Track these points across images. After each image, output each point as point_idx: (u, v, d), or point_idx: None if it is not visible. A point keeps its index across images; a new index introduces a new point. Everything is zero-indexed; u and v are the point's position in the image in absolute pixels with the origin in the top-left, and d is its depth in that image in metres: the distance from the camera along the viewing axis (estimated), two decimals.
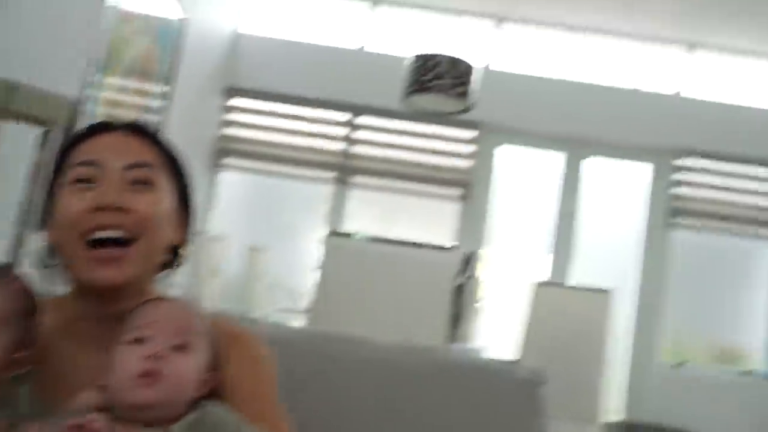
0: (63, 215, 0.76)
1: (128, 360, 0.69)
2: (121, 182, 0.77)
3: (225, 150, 4.17)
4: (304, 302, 3.86)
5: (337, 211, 4.16)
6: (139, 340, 0.71)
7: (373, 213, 4.28)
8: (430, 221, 4.34)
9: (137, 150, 0.80)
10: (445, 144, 4.19)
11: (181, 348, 0.72)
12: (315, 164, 4.20)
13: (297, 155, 4.19)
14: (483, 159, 4.16)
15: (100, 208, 0.74)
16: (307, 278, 3.99)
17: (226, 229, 3.85)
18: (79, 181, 0.77)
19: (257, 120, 4.24)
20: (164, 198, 0.81)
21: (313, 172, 4.22)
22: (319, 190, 4.25)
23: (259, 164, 4.23)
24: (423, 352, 1.23)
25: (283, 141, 4.20)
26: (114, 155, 0.78)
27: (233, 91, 4.17)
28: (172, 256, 0.86)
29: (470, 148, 4.17)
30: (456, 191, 4.19)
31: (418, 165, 4.18)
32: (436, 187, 4.20)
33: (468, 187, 4.16)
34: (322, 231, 3.82)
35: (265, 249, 3.76)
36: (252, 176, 4.36)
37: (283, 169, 4.22)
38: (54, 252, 0.81)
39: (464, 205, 4.17)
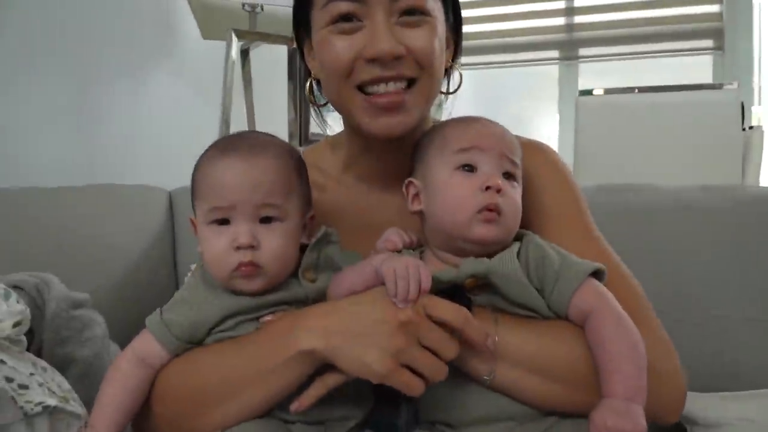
0: (331, 63, 0.68)
1: (463, 192, 0.63)
2: (390, 16, 0.66)
3: None
4: None
5: (568, 90, 3.81)
6: (467, 168, 0.65)
7: (608, 84, 3.72)
8: (678, 82, 3.65)
9: None
10: None
11: (509, 176, 0.66)
12: (537, 46, 3.87)
13: (516, 40, 3.90)
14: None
15: (374, 59, 0.65)
16: None
17: None
18: (341, 16, 0.67)
19: (468, 13, 3.81)
20: (438, 26, 0.69)
21: (535, 54, 3.90)
22: (546, 72, 3.92)
23: (477, 58, 3.97)
24: (720, 190, 1.18)
25: (501, 28, 3.90)
26: None
27: None
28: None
29: None
30: (705, 42, 3.60)
31: (655, 20, 3.61)
32: (679, 43, 3.64)
33: (719, 36, 3.55)
34: (555, 116, 3.66)
35: None
36: (472, 71, 4.01)
37: (504, 57, 3.96)
38: (320, 88, 0.75)
39: (718, 57, 3.57)
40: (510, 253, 0.64)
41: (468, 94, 0.83)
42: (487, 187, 0.63)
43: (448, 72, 0.79)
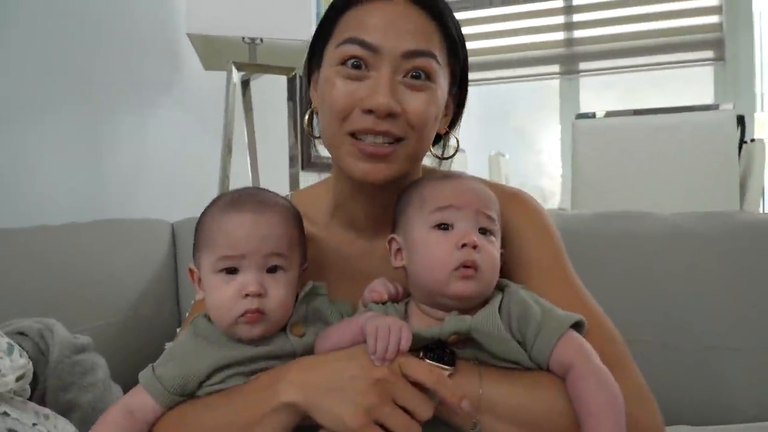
0: (330, 103, 0.71)
1: (439, 249, 0.65)
2: (396, 74, 0.70)
3: None
4: (555, 202, 3.80)
5: (569, 104, 3.90)
6: (443, 227, 0.67)
7: (610, 98, 3.97)
8: (680, 93, 3.77)
9: (420, 31, 0.71)
10: (683, 1, 3.60)
11: (485, 232, 0.68)
12: (537, 61, 3.96)
13: (516, 56, 4.00)
14: (735, 8, 3.54)
15: (370, 110, 0.68)
16: (552, 178, 4.02)
17: (462, 141, 3.67)
18: (351, 60, 0.70)
19: (471, 29, 4.03)
20: (439, 94, 0.72)
21: (537, 69, 3.98)
22: (548, 86, 4.02)
23: (479, 74, 4.05)
24: (718, 217, 1.18)
25: (500, 44, 4.01)
26: (393, 37, 0.69)
27: None
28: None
29: (716, 0, 3.58)
30: (706, 53, 3.63)
31: (654, 33, 3.68)
32: (680, 54, 3.67)
33: (720, 46, 3.59)
34: (557, 128, 3.72)
35: (504, 154, 3.59)
36: (474, 87, 4.14)
37: (505, 73, 4.05)
38: (317, 119, 0.79)
39: (719, 68, 3.60)
40: (492, 308, 0.65)
41: (472, 110, 0.86)
42: (463, 245, 0.64)
43: (442, 137, 0.82)
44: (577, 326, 0.66)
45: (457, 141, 0.84)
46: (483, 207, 0.68)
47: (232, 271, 0.67)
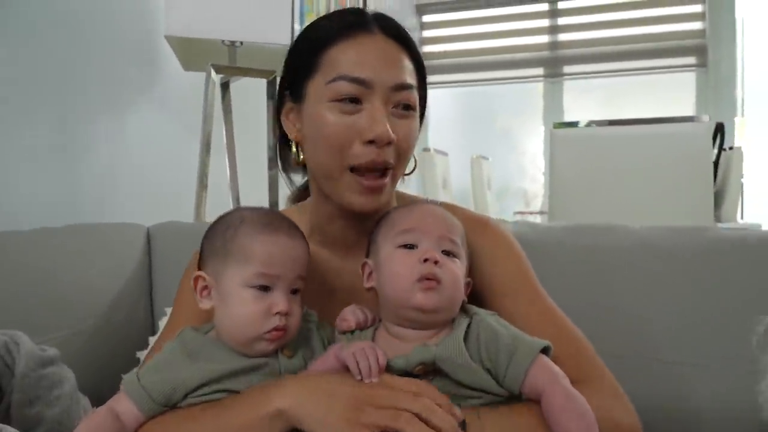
0: (327, 138, 0.74)
1: (404, 264, 0.69)
2: (386, 104, 0.75)
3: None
4: (537, 204, 3.89)
5: (553, 107, 3.97)
6: (408, 246, 0.71)
7: (592, 102, 4.06)
8: (662, 99, 3.87)
9: (401, 64, 0.77)
10: (667, 7, 3.69)
11: (448, 254, 0.71)
12: (522, 63, 4.01)
13: (501, 58, 4.05)
14: (717, 15, 3.59)
15: (371, 140, 0.73)
16: (536, 180, 4.08)
17: (446, 143, 3.72)
18: (347, 97, 0.74)
19: (457, 31, 4.10)
20: (417, 120, 0.80)
21: (521, 72, 4.04)
22: (532, 89, 4.08)
23: (464, 75, 4.14)
24: (688, 232, 1.17)
25: (485, 46, 4.07)
26: (381, 70, 0.74)
27: (424, 8, 4.08)
28: None
29: (699, 7, 3.64)
30: (688, 59, 3.71)
31: (639, 38, 3.73)
32: (663, 60, 3.73)
33: (702, 52, 3.65)
34: (540, 130, 3.77)
35: (487, 157, 3.64)
36: (459, 88, 4.26)
37: (490, 74, 4.11)
38: (300, 151, 0.81)
39: (701, 74, 3.67)
40: (456, 335, 0.68)
41: (456, 111, 0.90)
42: (426, 260, 0.68)
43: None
44: (545, 350, 0.69)
45: (416, 161, 0.87)
46: (447, 232, 0.72)
47: (264, 288, 0.70)
